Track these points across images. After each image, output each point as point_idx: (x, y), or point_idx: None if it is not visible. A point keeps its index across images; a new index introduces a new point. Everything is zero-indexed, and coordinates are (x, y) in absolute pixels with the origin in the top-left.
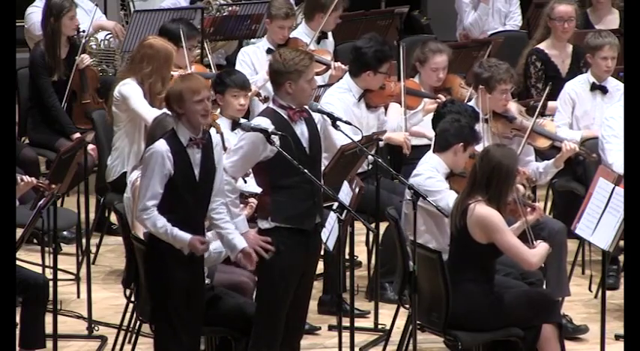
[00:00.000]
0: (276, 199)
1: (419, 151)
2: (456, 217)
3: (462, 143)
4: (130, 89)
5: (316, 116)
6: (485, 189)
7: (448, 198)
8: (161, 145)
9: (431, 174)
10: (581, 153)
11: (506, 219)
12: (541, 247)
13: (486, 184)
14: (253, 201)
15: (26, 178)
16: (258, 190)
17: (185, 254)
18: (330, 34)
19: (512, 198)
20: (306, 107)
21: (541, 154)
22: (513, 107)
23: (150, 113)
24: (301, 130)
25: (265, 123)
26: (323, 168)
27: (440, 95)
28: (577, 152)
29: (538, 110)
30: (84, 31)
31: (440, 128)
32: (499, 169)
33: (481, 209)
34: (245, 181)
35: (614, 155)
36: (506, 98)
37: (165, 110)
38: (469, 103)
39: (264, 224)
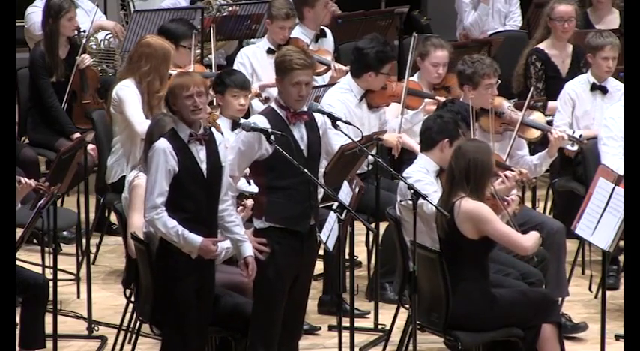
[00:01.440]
0: (271, 200)
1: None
2: (442, 219)
3: (447, 139)
4: (127, 93)
5: (319, 120)
6: (465, 185)
7: (435, 202)
8: (162, 143)
9: (419, 177)
10: (572, 139)
11: None
12: (532, 233)
13: (465, 180)
14: (249, 202)
15: (24, 180)
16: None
17: (193, 258)
18: (329, 33)
19: (490, 193)
20: (306, 110)
21: (536, 148)
22: (500, 102)
23: (142, 124)
24: (300, 132)
25: (262, 121)
26: (322, 169)
27: (439, 97)
28: (566, 140)
29: (527, 103)
30: (84, 31)
31: (423, 127)
32: (474, 163)
33: (467, 204)
34: (250, 183)
35: (609, 159)
36: (491, 93)
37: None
38: None
39: (259, 224)
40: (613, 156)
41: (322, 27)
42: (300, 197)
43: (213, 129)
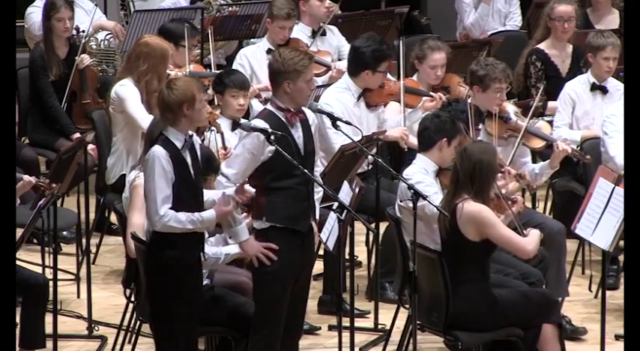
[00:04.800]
0: (271, 200)
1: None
2: (445, 219)
3: (445, 138)
4: (126, 91)
5: (311, 117)
6: (469, 186)
7: (435, 203)
8: (160, 149)
9: (419, 178)
10: (575, 155)
11: None
12: (533, 234)
13: (470, 181)
14: (249, 189)
15: (25, 177)
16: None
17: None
18: (330, 30)
19: (494, 193)
20: (303, 109)
21: (540, 154)
22: (509, 108)
23: (146, 119)
24: (298, 132)
25: (261, 124)
26: (322, 168)
27: (438, 94)
28: (570, 154)
29: (532, 110)
30: (84, 31)
31: (421, 127)
32: (480, 165)
33: (470, 206)
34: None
35: (617, 148)
36: (500, 97)
37: None
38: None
39: (260, 224)
40: (620, 145)
41: (325, 26)
42: (300, 196)
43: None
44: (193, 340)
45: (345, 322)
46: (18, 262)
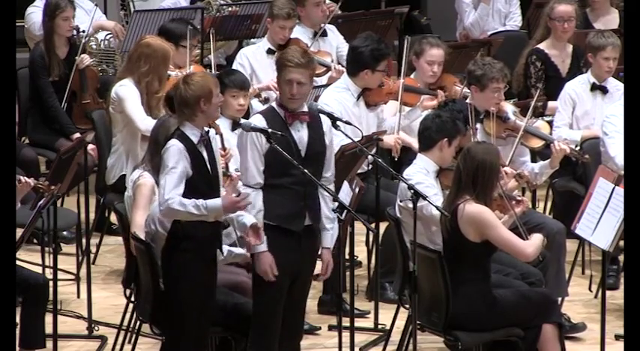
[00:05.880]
0: (266, 197)
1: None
2: (446, 219)
3: (446, 138)
4: (126, 91)
5: (325, 121)
6: (471, 187)
7: (435, 204)
8: (176, 143)
9: (420, 178)
10: (574, 154)
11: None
12: (535, 238)
13: (472, 182)
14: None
15: (24, 179)
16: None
17: (210, 221)
18: (331, 31)
19: (497, 193)
20: (308, 110)
21: (539, 154)
22: (508, 108)
23: (144, 121)
24: (299, 132)
25: (259, 120)
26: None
27: (438, 91)
28: (569, 153)
29: (531, 110)
30: (84, 31)
31: (422, 127)
32: (483, 165)
33: (471, 207)
34: None
35: (617, 148)
36: (498, 97)
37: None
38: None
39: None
40: (620, 145)
41: (325, 26)
42: (295, 196)
43: (212, 130)
44: (204, 340)
45: (345, 322)
46: (18, 262)
